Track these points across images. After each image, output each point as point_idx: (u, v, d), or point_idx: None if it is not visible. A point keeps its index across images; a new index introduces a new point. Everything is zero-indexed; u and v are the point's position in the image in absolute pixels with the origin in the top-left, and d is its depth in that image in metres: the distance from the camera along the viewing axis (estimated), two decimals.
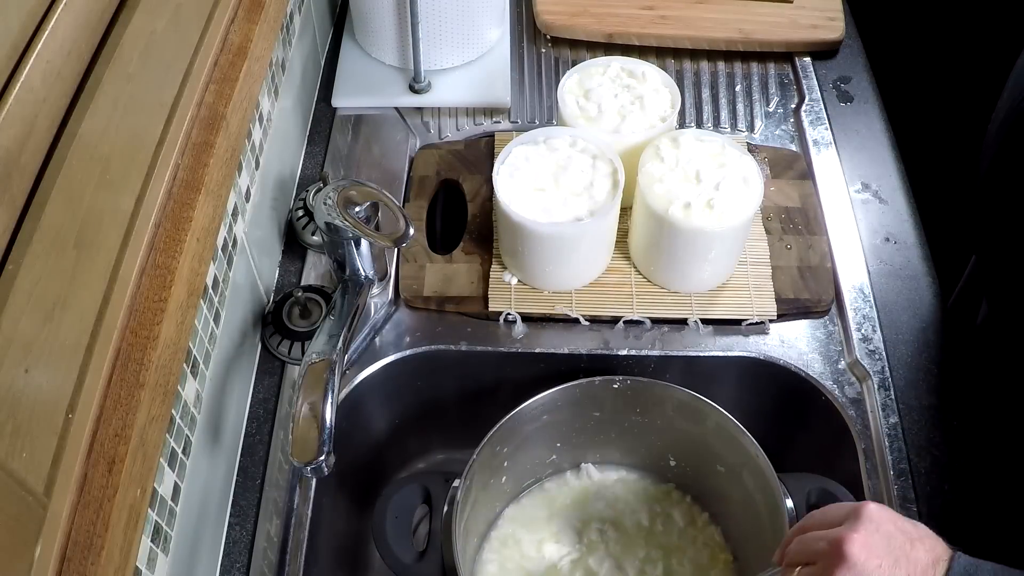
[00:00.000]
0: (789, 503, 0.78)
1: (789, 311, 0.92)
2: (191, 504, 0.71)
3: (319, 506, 0.83)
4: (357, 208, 0.80)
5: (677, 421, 0.87)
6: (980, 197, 0.82)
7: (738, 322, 0.92)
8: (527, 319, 0.92)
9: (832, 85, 1.14)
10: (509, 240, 0.91)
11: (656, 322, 0.92)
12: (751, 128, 1.09)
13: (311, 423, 0.70)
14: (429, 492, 0.83)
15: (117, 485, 0.53)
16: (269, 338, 0.89)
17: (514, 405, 0.83)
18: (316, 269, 0.96)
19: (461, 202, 1.01)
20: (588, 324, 0.92)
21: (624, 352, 0.90)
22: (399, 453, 1.02)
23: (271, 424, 0.85)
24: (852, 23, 1.21)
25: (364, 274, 0.86)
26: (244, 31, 0.78)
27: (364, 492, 0.97)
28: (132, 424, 0.56)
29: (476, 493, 0.83)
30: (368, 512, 0.85)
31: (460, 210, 1.01)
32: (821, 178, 1.03)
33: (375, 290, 0.91)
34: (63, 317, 0.52)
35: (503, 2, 1.15)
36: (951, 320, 0.92)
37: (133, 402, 0.56)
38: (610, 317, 0.92)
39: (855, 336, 0.91)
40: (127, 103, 0.60)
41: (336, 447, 0.70)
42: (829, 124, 1.09)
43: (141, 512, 0.57)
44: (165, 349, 0.60)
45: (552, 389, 0.84)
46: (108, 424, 0.55)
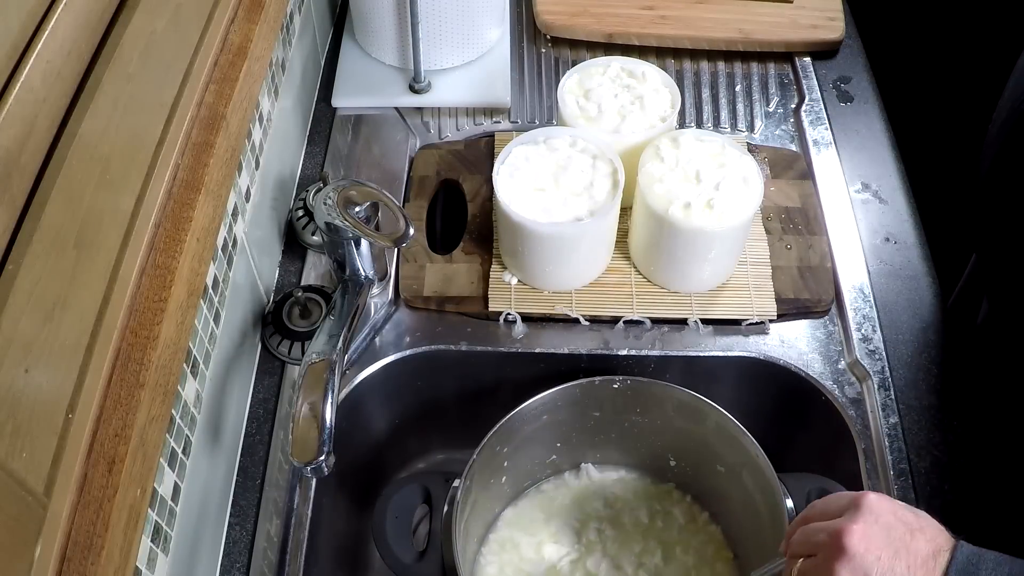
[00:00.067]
0: (789, 503, 0.78)
1: (789, 311, 0.92)
2: (191, 504, 0.71)
3: (319, 506, 0.83)
4: (357, 208, 0.80)
5: (677, 421, 0.87)
6: (981, 197, 0.82)
7: (738, 322, 0.92)
8: (527, 319, 0.92)
9: (832, 85, 1.14)
10: (509, 240, 0.91)
11: (656, 322, 0.92)
12: (751, 128, 1.09)
13: (311, 423, 0.70)
14: (429, 492, 0.83)
15: (117, 485, 0.53)
16: (269, 338, 0.89)
17: (514, 405, 0.83)
18: (316, 269, 0.96)
19: (461, 202, 1.01)
20: (588, 324, 0.92)
21: (624, 352, 0.90)
22: (399, 453, 1.02)
23: (271, 424, 0.85)
24: (852, 23, 1.21)
25: (364, 274, 0.86)
26: (244, 31, 0.78)
27: (364, 492, 0.97)
28: (132, 424, 0.56)
29: (476, 493, 0.83)
30: (368, 512, 0.85)
31: (460, 210, 1.01)
32: (821, 178, 1.03)
33: (375, 290, 0.91)
34: (63, 317, 0.52)
35: (503, 2, 1.15)
36: (951, 320, 0.92)
37: (133, 402, 0.56)
38: (610, 317, 0.92)
39: (855, 336, 0.91)
40: (127, 103, 0.60)
41: (336, 447, 0.70)
42: (829, 124, 1.09)
43: (141, 512, 0.57)
44: (165, 349, 0.60)
45: (552, 389, 0.84)
46: (108, 424, 0.55)
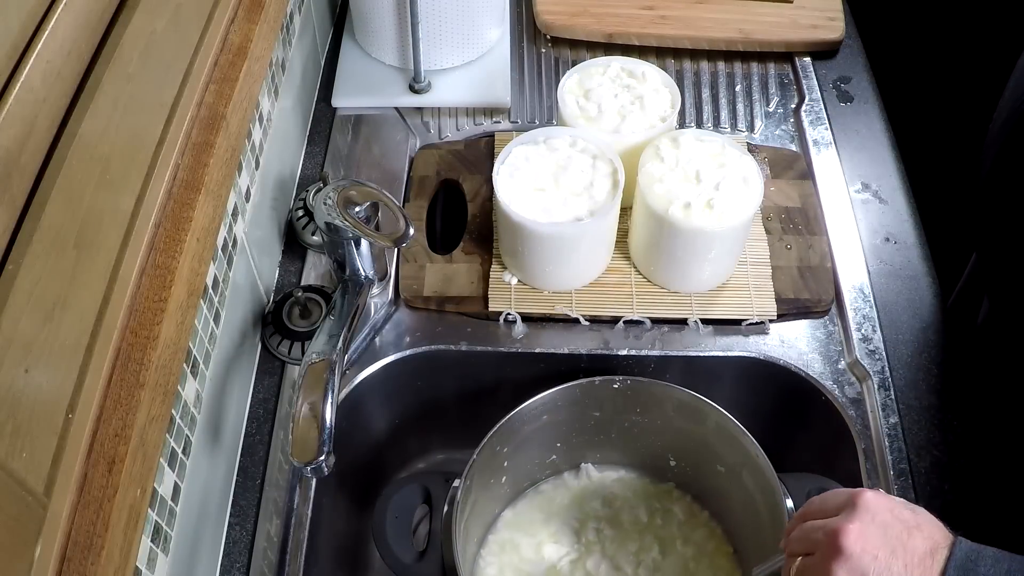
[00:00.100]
0: (789, 503, 0.78)
1: (789, 311, 0.92)
2: (191, 504, 0.71)
3: (319, 506, 0.83)
4: (357, 208, 0.80)
5: (677, 421, 0.87)
6: (982, 196, 0.82)
7: (738, 322, 0.92)
8: (527, 319, 0.92)
9: (832, 85, 1.14)
10: (509, 240, 0.91)
11: (656, 322, 0.92)
12: (751, 128, 1.09)
13: (311, 423, 0.70)
14: (429, 492, 0.83)
15: (117, 485, 0.53)
16: (269, 338, 0.89)
17: (514, 405, 0.83)
18: (316, 269, 0.96)
19: (461, 202, 1.01)
20: (588, 324, 0.92)
21: (624, 352, 0.90)
22: (399, 453, 1.02)
23: (271, 424, 0.85)
24: (852, 23, 1.20)
25: (364, 274, 0.86)
26: (244, 31, 0.78)
27: (364, 492, 0.97)
28: (132, 424, 0.56)
29: (476, 493, 0.83)
30: (368, 512, 0.85)
31: (460, 210, 1.01)
32: (821, 178, 1.03)
33: (375, 290, 0.91)
34: (63, 317, 0.52)
35: (503, 2, 1.15)
36: (951, 320, 0.92)
37: (133, 402, 0.56)
38: (610, 317, 0.92)
39: (855, 336, 0.91)
40: (127, 103, 0.60)
41: (336, 447, 0.70)
42: (829, 124, 1.09)
43: (141, 512, 0.57)
44: (165, 349, 0.60)
45: (552, 389, 0.84)
46: (108, 424, 0.55)
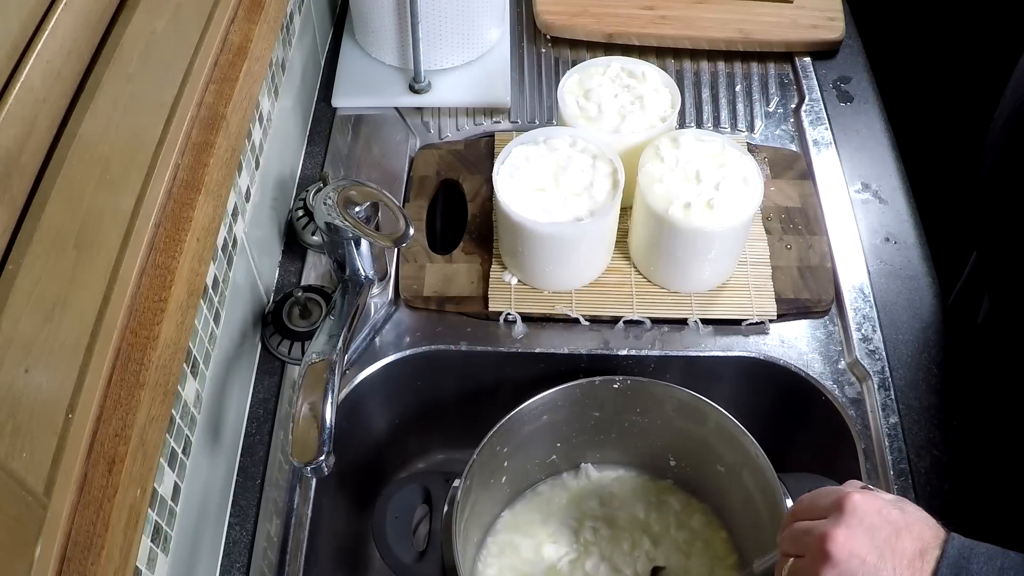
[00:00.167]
0: (789, 503, 0.78)
1: (789, 311, 0.92)
2: (191, 504, 0.71)
3: (319, 506, 0.83)
4: (357, 208, 0.80)
5: (677, 421, 0.87)
6: (983, 196, 0.82)
7: (738, 322, 0.92)
8: (527, 319, 0.92)
9: (832, 85, 1.14)
10: (509, 240, 0.91)
11: (656, 322, 0.92)
12: (751, 128, 1.09)
13: (311, 423, 0.70)
14: (429, 492, 0.83)
15: (117, 485, 0.53)
16: (269, 338, 0.89)
17: (514, 405, 0.82)
18: (316, 269, 0.96)
19: (461, 202, 1.01)
20: (588, 324, 0.92)
21: (624, 352, 0.90)
22: (399, 453, 1.02)
23: (271, 424, 0.85)
24: (852, 23, 1.20)
25: (364, 274, 0.86)
26: (244, 31, 0.78)
27: (364, 492, 0.97)
28: (132, 424, 0.56)
29: (476, 493, 0.83)
30: (368, 512, 0.85)
31: (460, 210, 1.01)
32: (821, 178, 1.03)
33: (375, 290, 0.91)
34: (63, 317, 0.52)
35: (503, 2, 1.15)
36: (951, 320, 0.92)
37: (133, 402, 0.56)
38: (610, 317, 0.92)
39: (855, 336, 0.91)
40: (127, 103, 0.60)
41: (336, 447, 0.70)
42: (829, 124, 1.09)
43: (141, 512, 0.57)
44: (165, 349, 0.60)
45: (552, 389, 0.84)
46: (108, 424, 0.55)
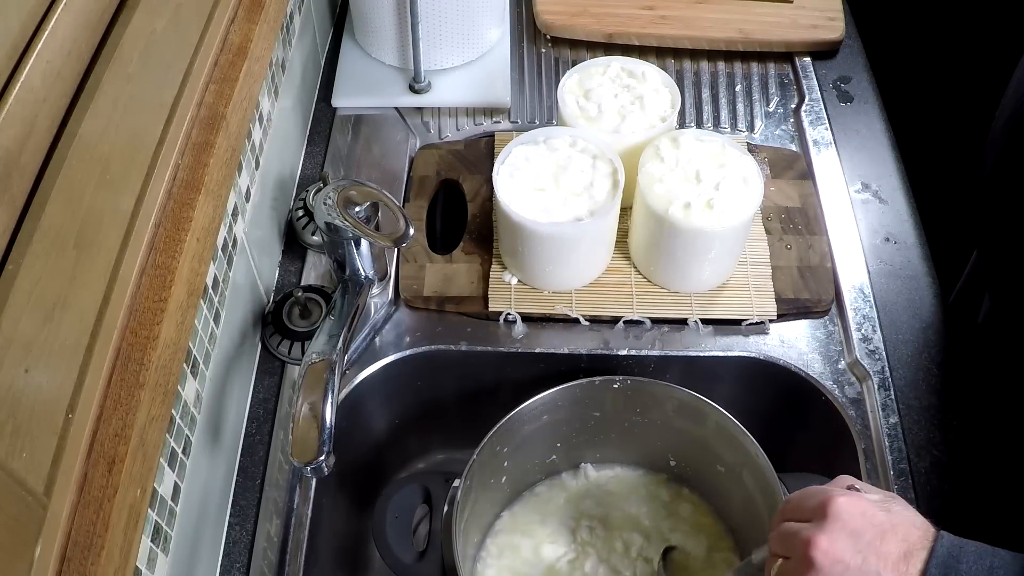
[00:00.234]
0: None
1: (789, 311, 0.92)
2: (191, 504, 0.71)
3: (319, 506, 0.83)
4: (357, 208, 0.80)
5: (677, 421, 0.87)
6: (984, 194, 0.82)
7: (738, 322, 0.92)
8: (527, 319, 0.92)
9: (832, 85, 1.14)
10: (509, 240, 0.91)
11: (656, 322, 0.92)
12: (751, 128, 1.09)
13: (311, 423, 0.70)
14: (429, 492, 0.83)
15: (117, 485, 0.53)
16: (269, 338, 0.89)
17: (514, 405, 0.82)
18: (316, 269, 0.96)
19: (461, 202, 1.01)
20: (588, 324, 0.92)
21: (624, 352, 0.90)
22: (399, 453, 1.02)
23: (271, 424, 0.85)
24: (852, 23, 1.20)
25: (364, 274, 0.86)
26: (244, 31, 0.78)
27: (364, 492, 0.97)
28: (132, 424, 0.56)
29: (476, 493, 0.83)
30: (368, 512, 0.85)
31: (460, 210, 1.01)
32: (821, 178, 1.03)
33: (375, 290, 0.91)
34: (63, 317, 0.52)
35: (503, 2, 1.15)
36: (951, 319, 0.92)
37: (133, 402, 0.56)
38: (610, 317, 0.92)
39: (855, 336, 0.91)
40: (127, 103, 0.60)
41: (336, 447, 0.70)
42: (829, 124, 1.09)
43: (141, 512, 0.57)
44: (165, 349, 0.60)
45: (552, 389, 0.84)
46: (108, 424, 0.55)
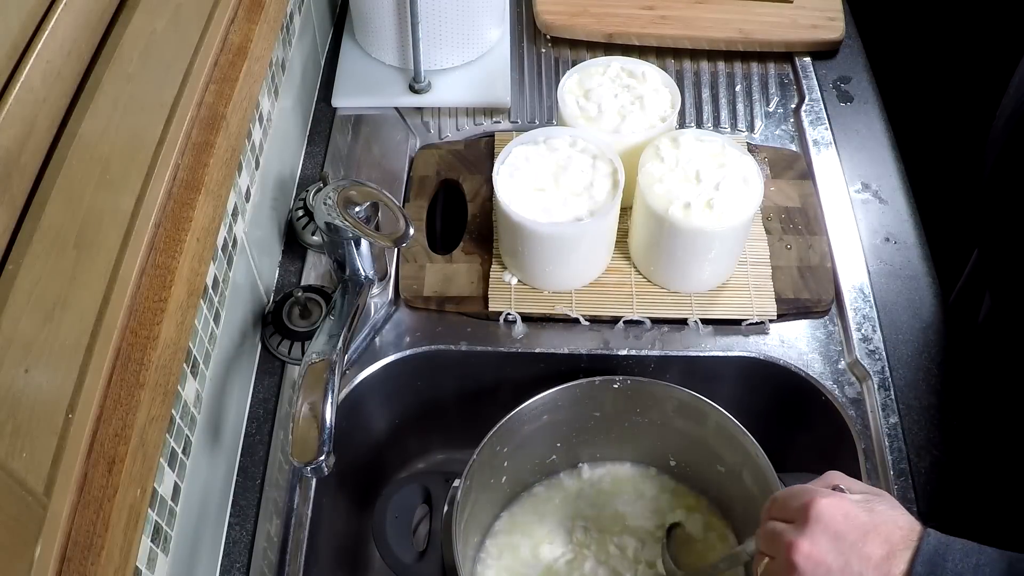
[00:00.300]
0: None
1: (789, 311, 0.92)
2: (191, 504, 0.71)
3: (319, 506, 0.83)
4: (357, 208, 0.80)
5: (677, 421, 0.87)
6: (985, 193, 0.82)
7: (738, 322, 0.92)
8: (527, 319, 0.92)
9: (832, 85, 1.14)
10: (509, 240, 0.91)
11: (656, 322, 0.92)
12: (751, 128, 1.09)
13: (311, 423, 0.70)
14: (429, 492, 0.83)
15: (117, 485, 0.53)
16: (269, 338, 0.89)
17: (514, 405, 0.83)
18: (316, 269, 0.96)
19: (461, 202, 1.01)
20: (588, 324, 0.92)
21: (624, 352, 0.90)
22: (399, 453, 1.02)
23: (271, 424, 0.85)
24: (852, 23, 1.20)
25: (364, 274, 0.86)
26: (244, 31, 0.78)
27: (364, 492, 0.97)
28: (132, 424, 0.56)
29: (476, 493, 0.83)
30: (368, 512, 0.85)
31: (460, 210, 1.01)
32: (821, 178, 1.03)
33: (375, 290, 0.91)
34: (63, 317, 0.52)
35: (503, 2, 1.15)
36: (952, 319, 0.92)
37: (133, 402, 0.56)
38: (610, 317, 0.92)
39: (855, 336, 0.91)
40: (127, 103, 0.60)
41: (336, 447, 0.70)
42: (829, 124, 1.09)
43: (141, 512, 0.57)
44: (165, 349, 0.60)
45: (552, 389, 0.84)
46: (108, 424, 0.55)
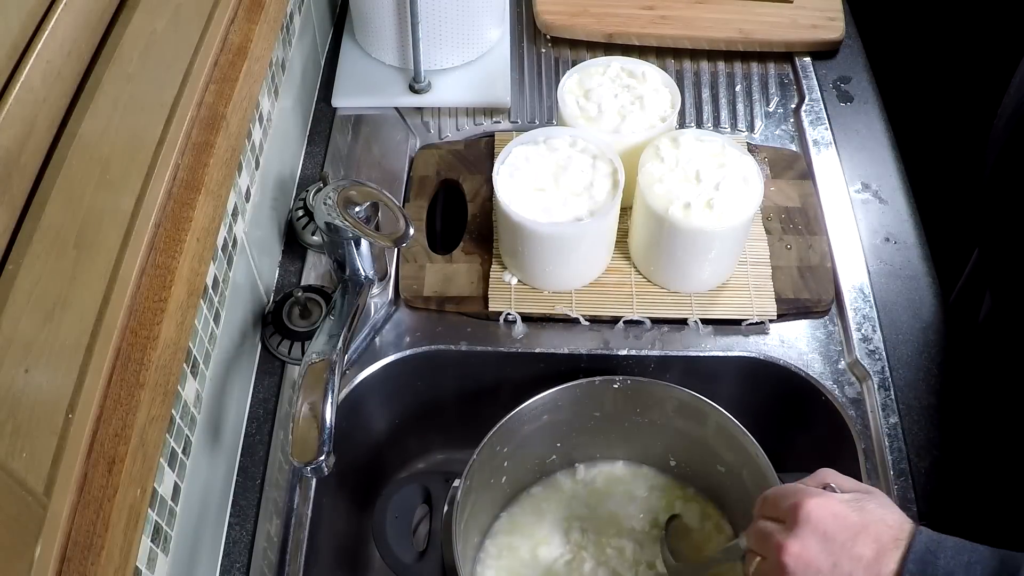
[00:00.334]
0: None
1: (789, 311, 0.92)
2: (191, 504, 0.71)
3: (319, 506, 0.83)
4: (357, 208, 0.80)
5: (677, 421, 0.87)
6: (986, 193, 0.82)
7: (738, 322, 0.92)
8: (527, 319, 0.92)
9: (832, 85, 1.14)
10: (509, 240, 0.91)
11: (656, 322, 0.92)
12: (751, 128, 1.09)
13: (311, 423, 0.70)
14: (429, 492, 0.83)
15: (117, 485, 0.53)
16: (269, 338, 0.89)
17: (514, 405, 0.83)
18: (316, 269, 0.96)
19: (461, 202, 1.01)
20: (588, 324, 0.92)
21: (624, 352, 0.90)
22: (399, 453, 1.02)
23: (271, 424, 0.85)
24: (852, 23, 1.20)
25: (364, 274, 0.86)
26: (244, 31, 0.78)
27: (364, 492, 0.97)
28: (132, 424, 0.56)
29: (476, 493, 0.83)
30: (368, 512, 0.85)
31: (460, 210, 1.01)
32: (821, 178, 1.03)
33: (375, 290, 0.91)
34: (63, 317, 0.52)
35: (503, 2, 1.15)
36: (952, 318, 0.92)
37: (133, 402, 0.56)
38: (610, 317, 0.92)
39: (855, 336, 0.91)
40: (127, 103, 0.60)
41: (336, 447, 0.70)
42: (829, 124, 1.09)
43: (141, 512, 0.57)
44: (165, 349, 0.60)
45: (552, 389, 0.84)
46: (108, 424, 0.55)
